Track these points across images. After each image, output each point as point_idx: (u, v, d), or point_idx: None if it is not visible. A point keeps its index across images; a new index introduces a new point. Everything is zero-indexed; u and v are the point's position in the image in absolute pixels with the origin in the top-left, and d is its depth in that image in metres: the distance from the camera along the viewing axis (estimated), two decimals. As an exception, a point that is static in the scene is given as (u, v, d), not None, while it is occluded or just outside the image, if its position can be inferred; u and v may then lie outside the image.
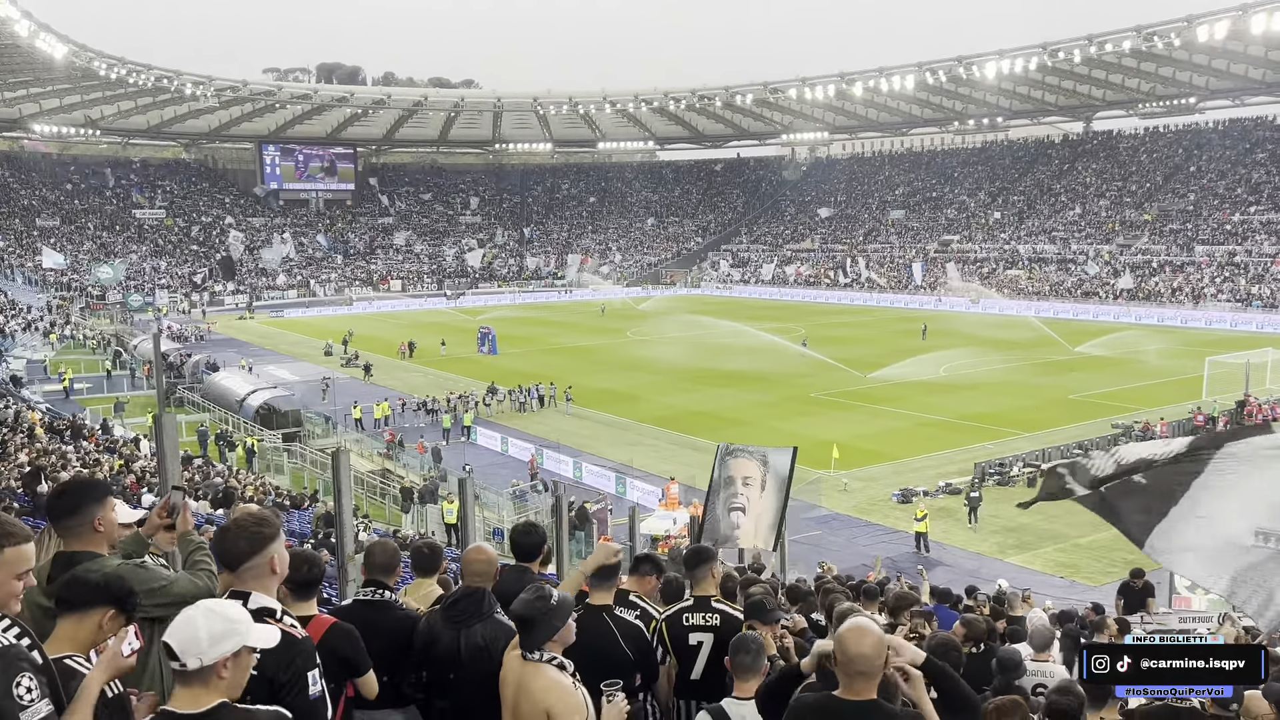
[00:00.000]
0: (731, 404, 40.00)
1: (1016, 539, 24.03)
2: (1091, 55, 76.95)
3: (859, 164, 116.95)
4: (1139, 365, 47.24)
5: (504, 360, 52.71)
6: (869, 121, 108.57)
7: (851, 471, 29.73)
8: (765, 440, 33.09)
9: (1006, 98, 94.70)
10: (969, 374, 45.59)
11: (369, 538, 16.79)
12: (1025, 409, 38.04)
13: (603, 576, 4.51)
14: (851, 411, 38.75)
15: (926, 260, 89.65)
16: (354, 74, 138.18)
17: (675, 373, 47.54)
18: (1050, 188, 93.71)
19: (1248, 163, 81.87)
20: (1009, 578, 20.40)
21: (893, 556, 22.54)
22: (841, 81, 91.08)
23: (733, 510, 10.80)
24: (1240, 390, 36.74)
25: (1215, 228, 76.10)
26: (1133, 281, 72.85)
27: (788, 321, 67.80)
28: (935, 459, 31.40)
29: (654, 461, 31.17)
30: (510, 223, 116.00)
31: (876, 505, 27.18)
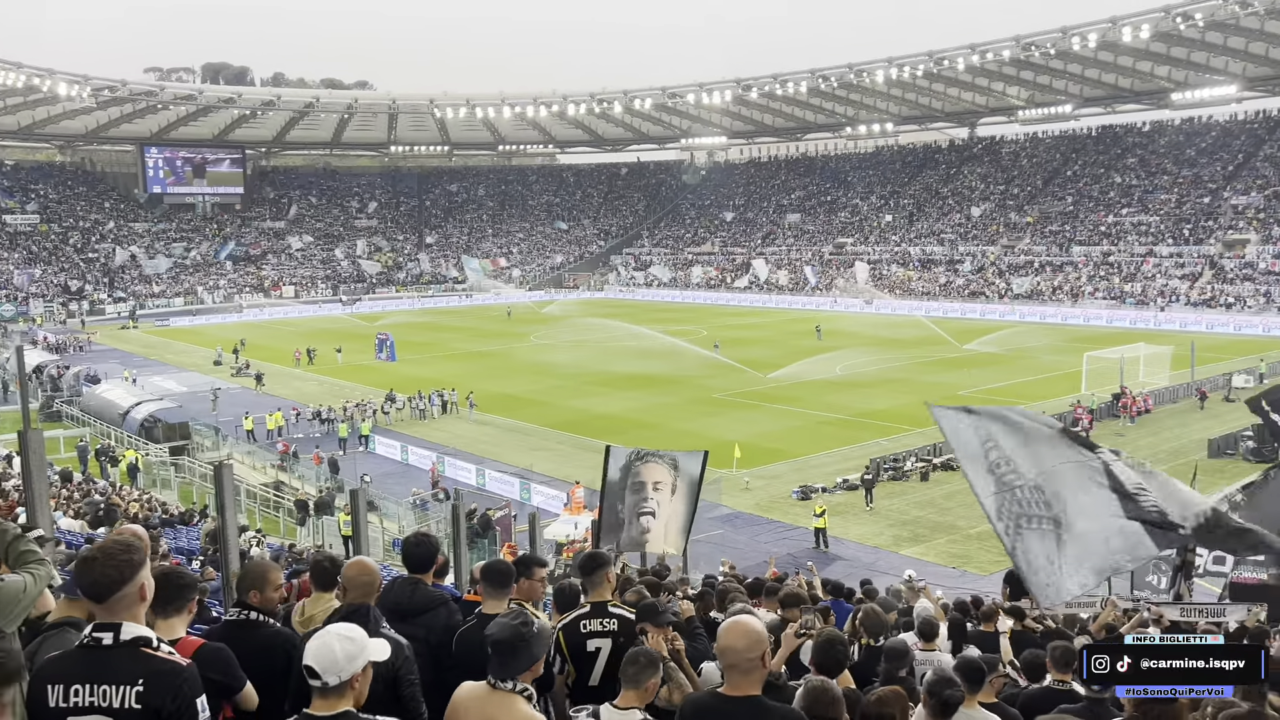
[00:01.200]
0: (636, 406, 40.14)
1: (911, 531, 24.76)
2: (974, 64, 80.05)
3: (756, 168, 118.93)
4: (1023, 361, 49.27)
5: (403, 367, 51.77)
6: (765, 127, 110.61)
7: (753, 470, 30.16)
8: (669, 441, 33.31)
9: (896, 104, 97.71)
10: (864, 372, 46.80)
11: (261, 553, 16.25)
12: (918, 405, 39.01)
13: (495, 584, 4.44)
14: (753, 411, 39.33)
15: (822, 262, 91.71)
16: (242, 74, 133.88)
17: (579, 376, 47.47)
18: (938, 191, 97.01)
19: (1119, 167, 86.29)
20: (904, 570, 21.02)
21: (793, 553, 22.93)
22: (738, 87, 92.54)
23: (642, 515, 10.82)
24: (1116, 383, 38.68)
25: (1091, 229, 79.98)
26: (1018, 282, 75.96)
27: (690, 324, 68.44)
28: (833, 456, 32.11)
29: (558, 466, 31.04)
30: (408, 226, 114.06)
31: (777, 503, 27.62)
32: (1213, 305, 64.59)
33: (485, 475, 30.23)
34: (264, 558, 12.59)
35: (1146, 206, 79.40)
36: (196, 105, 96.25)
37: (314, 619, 4.56)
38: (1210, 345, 49.98)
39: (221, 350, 55.84)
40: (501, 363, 53.74)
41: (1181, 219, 75.82)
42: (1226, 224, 72.80)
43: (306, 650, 3.18)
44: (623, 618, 4.77)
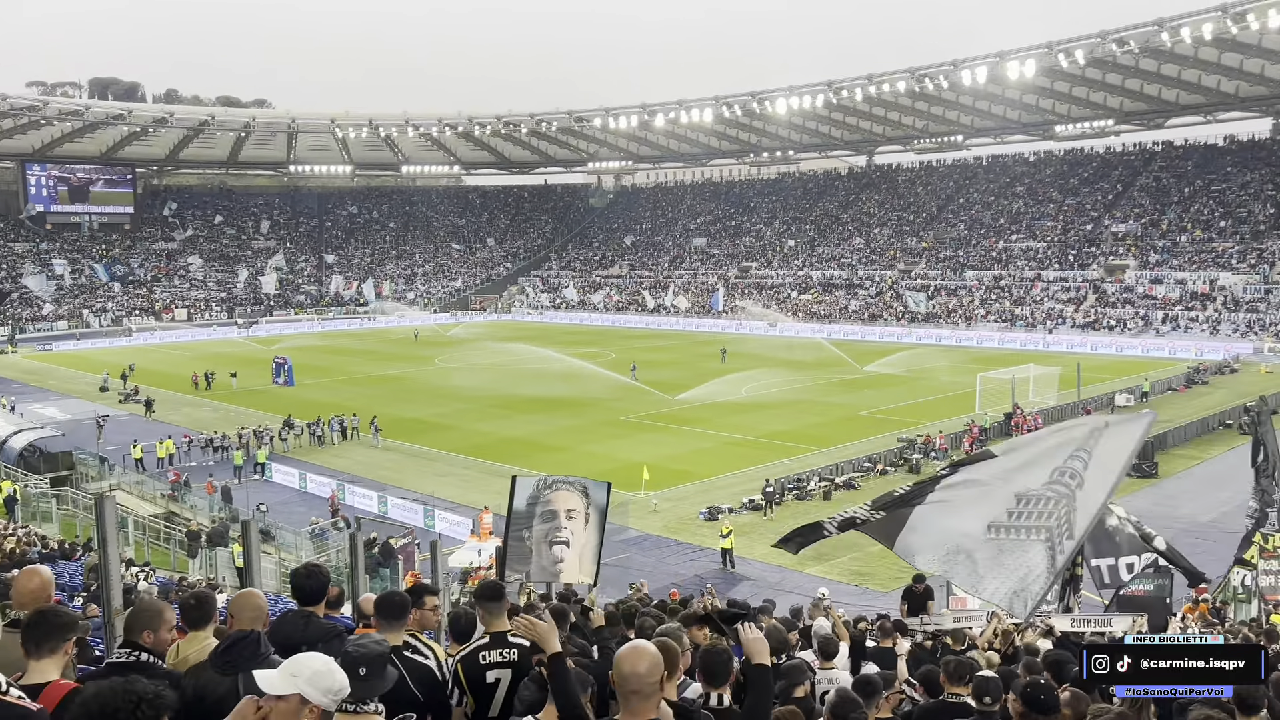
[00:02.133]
0: (543, 430, 39.87)
1: (815, 550, 25.03)
2: (871, 94, 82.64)
3: (663, 193, 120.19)
4: (920, 382, 50.74)
5: (302, 391, 50.37)
6: (671, 152, 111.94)
7: (661, 492, 30.22)
8: (578, 464, 33.22)
9: (797, 132, 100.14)
10: (769, 394, 47.49)
11: (150, 587, 15.50)
12: (820, 426, 39.98)
13: (390, 616, 4.32)
14: (660, 433, 39.48)
15: (728, 286, 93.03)
16: (132, 90, 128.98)
17: (485, 400, 46.95)
18: (838, 217, 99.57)
19: (1009, 195, 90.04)
20: (808, 589, 21.31)
21: (700, 574, 23.04)
22: (643, 113, 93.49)
23: (555, 544, 10.69)
24: (1009, 403, 40.15)
25: (983, 254, 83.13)
26: (918, 305, 78.33)
27: (597, 346, 68.48)
28: (739, 476, 32.42)
29: (464, 492, 30.57)
30: (308, 247, 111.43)
31: (685, 524, 27.72)
32: (1096, 328, 67.73)
33: (387, 502, 29.56)
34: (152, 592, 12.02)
35: (1034, 233, 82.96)
36: (83, 121, 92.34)
37: (188, 660, 4.35)
38: (1094, 366, 52.34)
39: (108, 376, 53.42)
40: (405, 386, 52.78)
41: (1066, 245, 79.45)
42: (1107, 250, 76.57)
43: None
44: (523, 647, 4.69)
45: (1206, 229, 73.52)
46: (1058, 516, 8.06)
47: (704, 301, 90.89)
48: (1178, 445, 35.34)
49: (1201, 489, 29.63)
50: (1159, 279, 70.35)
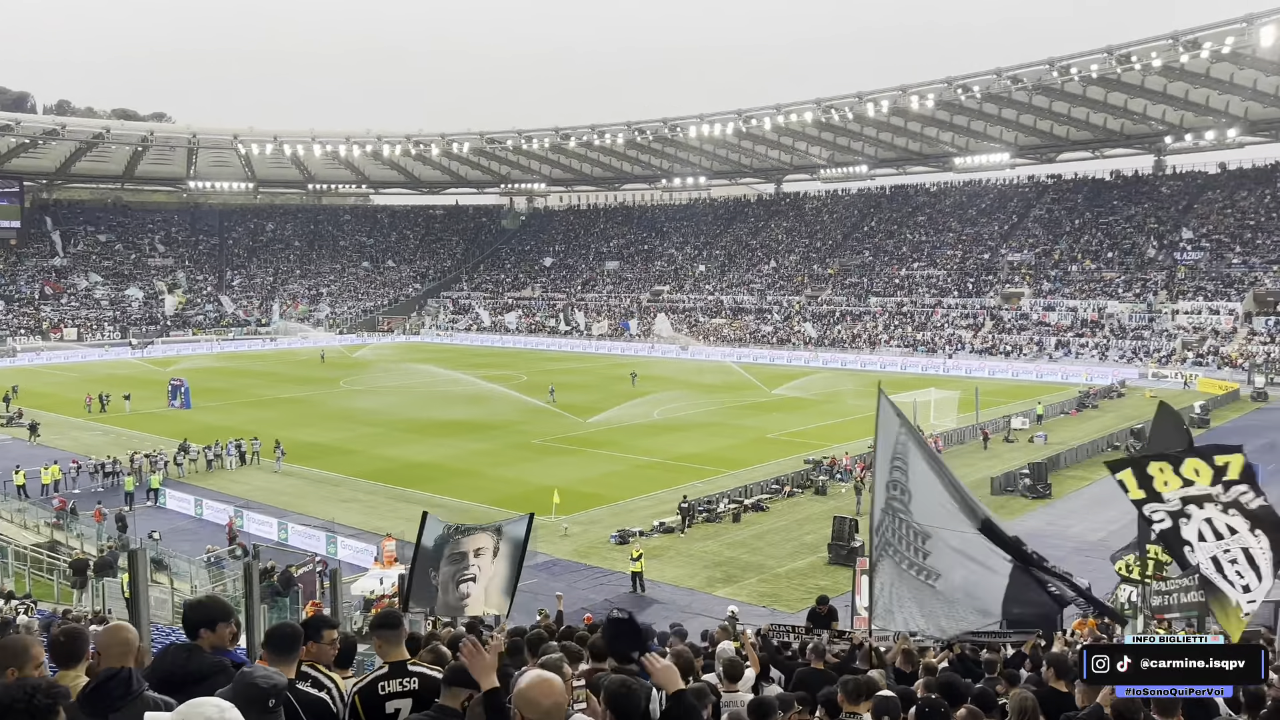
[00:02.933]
0: (452, 454, 39.27)
1: (724, 572, 25.27)
2: (779, 124, 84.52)
3: (576, 216, 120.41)
4: (826, 405, 51.71)
5: (199, 414, 48.61)
6: (584, 175, 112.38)
7: (572, 516, 30.04)
8: (488, 489, 32.85)
9: (708, 159, 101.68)
10: (680, 417, 47.78)
11: (30, 621, 14.66)
12: (730, 448, 40.37)
13: (281, 650, 4.15)
14: (572, 456, 39.29)
15: (640, 309, 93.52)
16: (21, 100, 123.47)
17: (392, 424, 46.03)
18: (748, 244, 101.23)
19: (910, 224, 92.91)
20: (718, 610, 21.40)
21: (610, 598, 22.92)
22: (557, 136, 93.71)
23: (462, 583, 10.52)
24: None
25: (886, 281, 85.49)
26: (817, 330, 80.00)
27: (509, 369, 67.92)
28: (651, 499, 32.46)
29: (368, 518, 29.85)
30: (208, 266, 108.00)
31: (596, 548, 27.58)
32: (993, 353, 70.19)
33: (288, 529, 28.64)
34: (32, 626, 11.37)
35: (935, 261, 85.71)
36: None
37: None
38: (992, 390, 54.16)
39: (-12, 398, 50.68)
40: (308, 409, 51.40)
41: (965, 273, 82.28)
42: (1004, 278, 79.57)
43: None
44: (424, 676, 4.57)
45: (1095, 259, 77.05)
46: (901, 535, 8.39)
47: (617, 324, 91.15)
48: (1069, 466, 36.74)
49: (1090, 509, 30.82)
50: (1052, 306, 73.37)
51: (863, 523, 27.86)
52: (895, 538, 8.34)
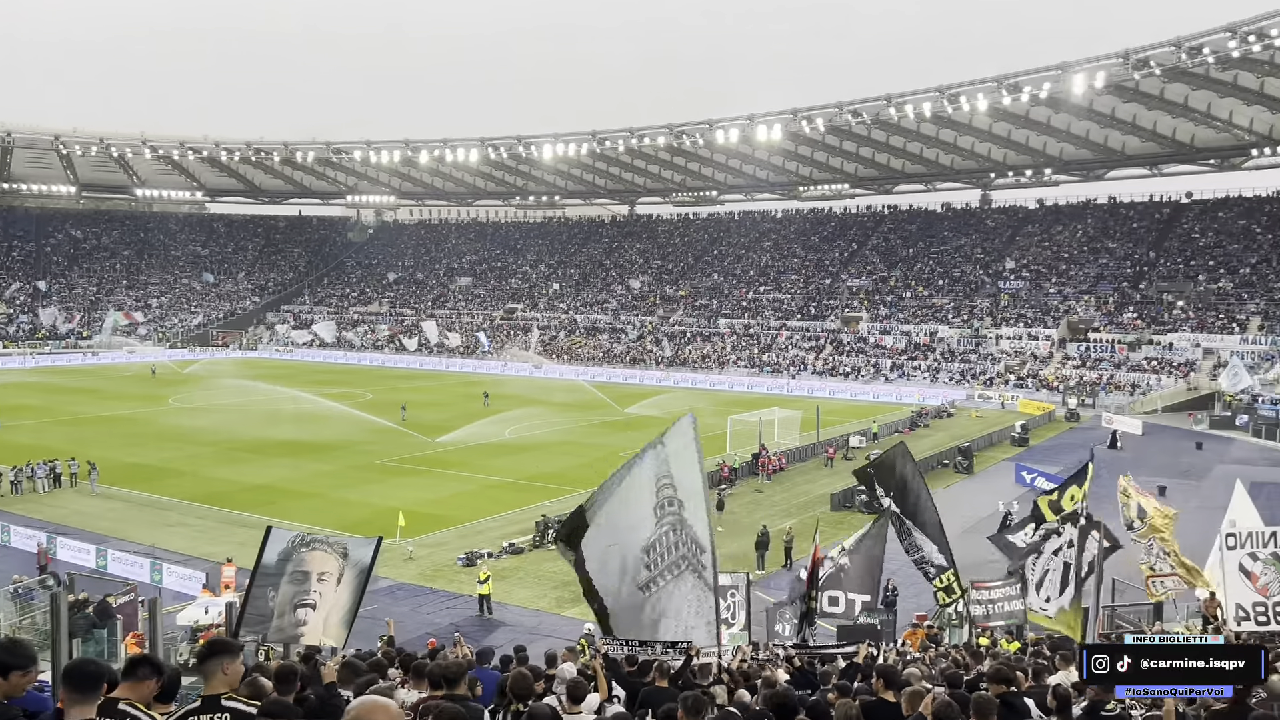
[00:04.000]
0: (290, 475, 37.62)
1: (573, 593, 25.06)
2: (633, 146, 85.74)
3: (427, 230, 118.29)
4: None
5: (8, 434, 44.85)
6: (436, 190, 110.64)
7: (418, 538, 29.26)
8: (329, 511, 31.63)
9: (563, 178, 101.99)
10: (532, 436, 47.45)
11: None
12: (582, 467, 40.31)
13: (79, 688, 3.82)
14: (419, 477, 38.35)
15: (493, 327, 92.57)
16: None
17: (226, 444, 43.76)
18: (602, 263, 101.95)
19: (758, 249, 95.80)
20: (566, 631, 21.27)
21: (455, 622, 22.42)
22: (407, 148, 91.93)
23: (301, 607, 10.02)
24: (756, 444, 42.29)
25: (734, 303, 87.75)
26: (671, 349, 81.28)
27: (354, 387, 65.83)
28: (500, 520, 32.02)
29: (198, 544, 28.20)
30: (22, 274, 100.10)
31: (442, 570, 26.95)
32: (834, 374, 73.03)
33: (107, 556, 26.71)
34: None
35: (780, 285, 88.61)
36: None
37: None
38: (831, 409, 56.25)
39: None
40: (134, 428, 48.26)
41: (808, 297, 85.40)
42: (843, 303, 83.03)
43: None
44: (237, 711, 4.30)
45: (928, 286, 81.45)
46: (683, 542, 8.69)
47: (469, 342, 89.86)
48: (903, 483, 38.53)
49: (923, 522, 32.35)
50: (887, 331, 77.03)
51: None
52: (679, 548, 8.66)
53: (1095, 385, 62.85)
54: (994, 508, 30.83)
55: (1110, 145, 74.22)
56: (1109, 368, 65.03)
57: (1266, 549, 10.08)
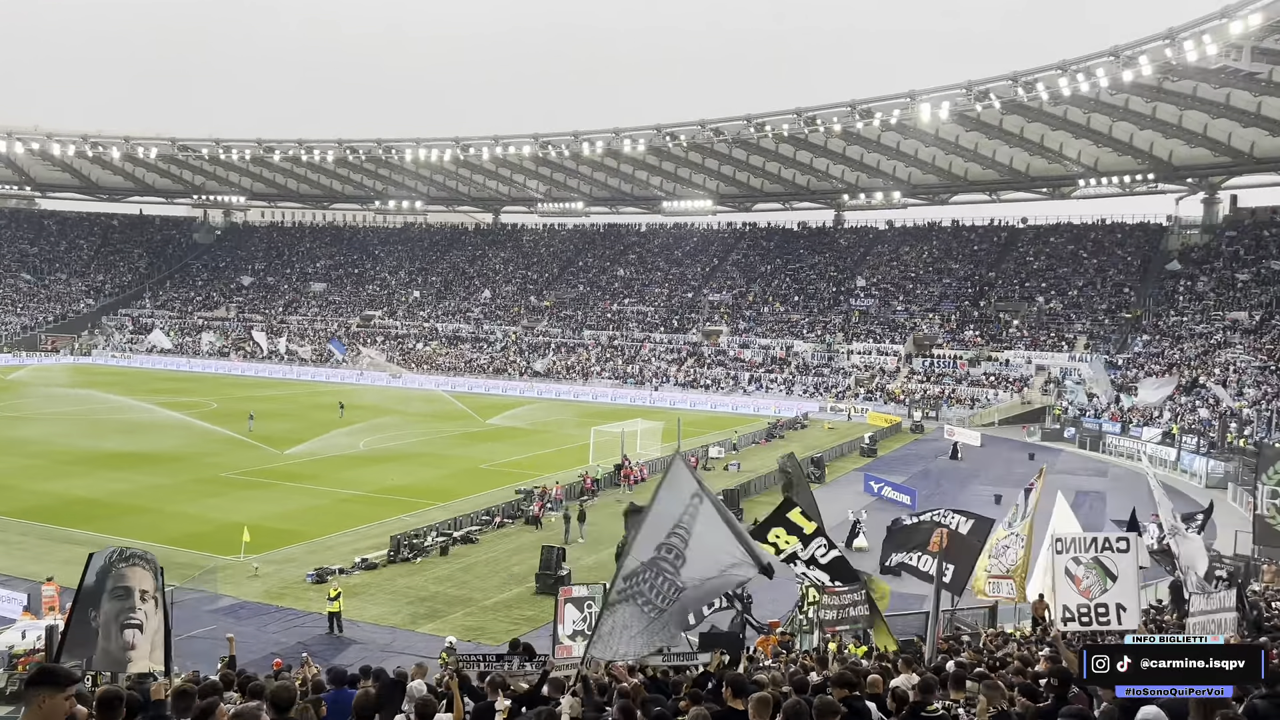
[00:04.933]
0: (124, 489, 35.39)
1: (429, 608, 24.58)
2: (498, 155, 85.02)
3: (279, 233, 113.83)
4: (540, 435, 52.18)
5: None
6: (290, 191, 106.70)
7: (264, 555, 28.00)
8: (165, 527, 30.01)
9: (425, 184, 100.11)
10: (389, 447, 46.22)
11: None
12: (440, 479, 39.56)
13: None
14: (266, 490, 36.75)
15: (349, 334, 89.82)
16: None
17: (51, 455, 40.84)
18: (465, 271, 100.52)
19: (623, 261, 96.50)
20: (420, 648, 20.74)
21: (304, 641, 21.54)
22: (260, 148, 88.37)
23: (128, 626, 9.38)
24: (618, 455, 42.48)
25: (599, 315, 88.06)
26: (537, 361, 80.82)
27: (198, 395, 62.65)
28: (352, 535, 31.01)
29: (19, 563, 26.17)
30: None
31: (290, 588, 25.87)
32: (695, 386, 74.22)
33: (-89, 579, 24.43)
34: None
35: (644, 298, 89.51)
36: None
37: None
38: (692, 420, 57.10)
39: None
40: (-53, 439, 44.41)
41: (671, 310, 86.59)
42: (705, 317, 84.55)
43: None
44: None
45: (784, 302, 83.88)
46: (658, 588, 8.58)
47: (322, 349, 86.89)
48: (760, 493, 39.40)
49: (778, 531, 33.18)
50: (746, 344, 78.88)
51: (571, 551, 28.30)
52: (649, 589, 8.43)
53: (938, 399, 66.08)
54: (843, 516, 31.91)
55: (954, 171, 78.41)
56: (951, 382, 68.52)
57: (1088, 554, 10.79)
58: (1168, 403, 53.72)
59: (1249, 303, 63.07)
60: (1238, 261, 68.50)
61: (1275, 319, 59.85)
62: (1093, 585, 10.56)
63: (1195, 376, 56.02)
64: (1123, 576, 10.50)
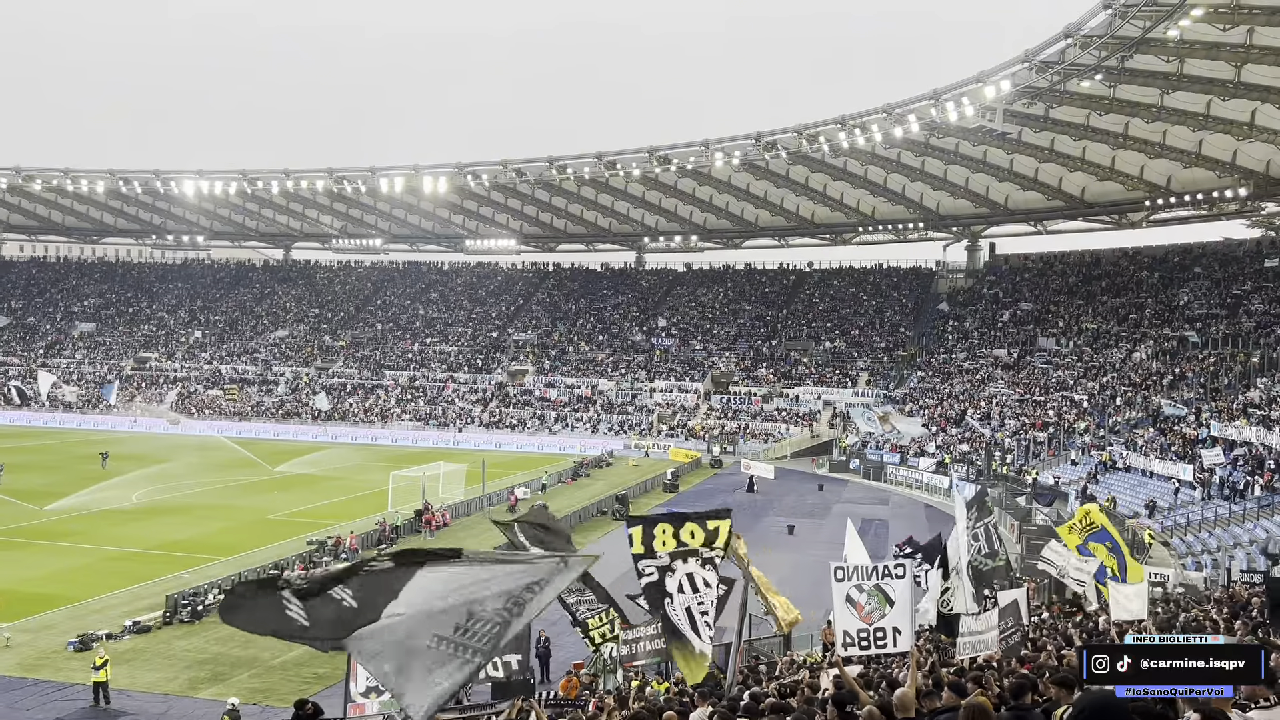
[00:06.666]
0: None
1: (210, 671, 22.85)
2: (289, 189, 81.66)
3: (40, 268, 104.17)
4: (335, 482, 49.96)
5: None
6: (53, 224, 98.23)
7: (17, 623, 25.24)
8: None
9: (208, 218, 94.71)
10: (166, 500, 42.93)
11: None
12: (223, 532, 37.09)
13: None
14: (20, 551, 33.24)
15: (121, 378, 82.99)
16: None
17: None
18: (253, 310, 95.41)
19: (424, 300, 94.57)
20: (202, 715, 19.28)
21: (63, 716, 19.50)
22: (18, 176, 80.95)
23: None
24: (419, 500, 41.27)
25: (399, 355, 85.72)
26: (329, 403, 77.48)
27: (-63, 448, 55.90)
28: (123, 595, 28.49)
29: None
30: None
31: (48, 658, 23.41)
32: (500, 426, 73.43)
33: None
34: None
35: (447, 337, 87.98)
36: None
37: None
38: (499, 462, 56.44)
39: None
40: None
41: (476, 350, 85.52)
42: (510, 356, 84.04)
43: None
44: None
45: (589, 341, 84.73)
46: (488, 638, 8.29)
47: (91, 396, 79.79)
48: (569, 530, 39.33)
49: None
50: (552, 383, 78.97)
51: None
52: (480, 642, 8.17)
53: (735, 434, 68.48)
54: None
55: (746, 217, 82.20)
56: (747, 418, 71.22)
57: (869, 581, 11.41)
58: (937, 433, 58.10)
59: (1007, 341, 69.39)
60: (997, 303, 75.33)
61: (1029, 356, 66.12)
62: (874, 611, 11.18)
63: (964, 410, 60.91)
64: (899, 601, 11.17)
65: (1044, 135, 57.88)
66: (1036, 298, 73.73)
